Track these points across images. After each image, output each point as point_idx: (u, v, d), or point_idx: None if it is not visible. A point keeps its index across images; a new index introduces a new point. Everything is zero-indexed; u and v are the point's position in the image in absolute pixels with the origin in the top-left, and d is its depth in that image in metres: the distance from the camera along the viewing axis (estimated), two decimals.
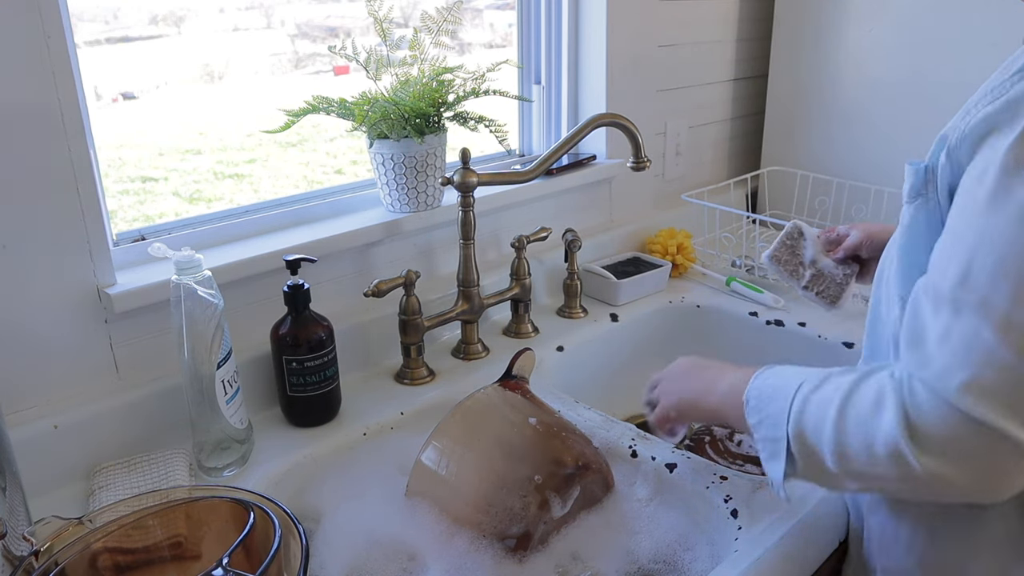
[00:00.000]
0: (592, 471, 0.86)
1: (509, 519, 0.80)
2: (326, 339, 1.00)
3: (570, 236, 1.30)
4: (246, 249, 1.05)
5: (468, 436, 0.85)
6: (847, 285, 1.02)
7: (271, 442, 0.97)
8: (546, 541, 0.82)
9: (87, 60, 0.95)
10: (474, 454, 0.83)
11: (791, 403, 0.66)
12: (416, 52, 1.15)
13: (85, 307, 0.92)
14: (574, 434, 0.90)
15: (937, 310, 0.57)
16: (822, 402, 0.63)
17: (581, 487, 0.85)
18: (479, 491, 0.81)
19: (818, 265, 1.03)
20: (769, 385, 0.71)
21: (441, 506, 0.83)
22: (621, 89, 1.47)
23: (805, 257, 1.04)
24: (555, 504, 0.82)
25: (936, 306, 0.57)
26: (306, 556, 0.64)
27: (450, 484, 0.83)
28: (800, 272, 1.04)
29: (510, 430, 0.85)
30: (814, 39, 1.61)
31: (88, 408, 0.91)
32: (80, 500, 0.87)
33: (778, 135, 1.73)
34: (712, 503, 0.85)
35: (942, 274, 0.57)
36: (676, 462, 0.91)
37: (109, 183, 1.02)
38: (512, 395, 0.90)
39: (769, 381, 0.71)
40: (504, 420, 0.87)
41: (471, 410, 0.87)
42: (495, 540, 0.80)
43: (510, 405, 0.89)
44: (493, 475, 0.82)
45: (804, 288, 1.03)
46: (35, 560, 0.66)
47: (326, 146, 3.51)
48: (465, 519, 0.81)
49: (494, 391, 0.90)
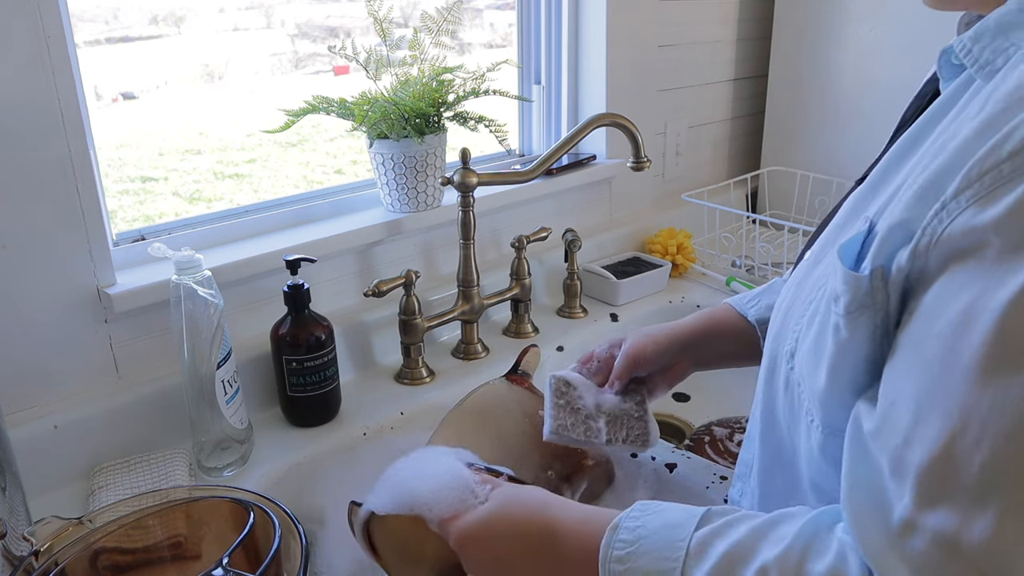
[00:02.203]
0: (598, 464, 0.87)
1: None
2: (326, 339, 1.00)
3: (570, 236, 1.30)
4: (246, 249, 1.05)
5: (478, 427, 0.85)
6: (647, 415, 0.83)
7: (271, 442, 0.97)
8: None
9: (87, 60, 0.95)
10: (487, 443, 0.83)
11: (686, 552, 0.49)
12: (416, 52, 1.15)
13: (85, 307, 0.92)
14: None
15: (901, 483, 0.42)
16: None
17: (588, 481, 0.85)
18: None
19: (604, 408, 0.83)
20: (644, 530, 0.52)
21: None
22: (621, 89, 1.47)
23: (587, 407, 0.83)
24: (565, 493, 0.82)
25: (900, 478, 0.42)
26: (306, 556, 0.64)
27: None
28: (593, 428, 0.81)
29: (522, 421, 0.85)
30: (814, 39, 1.61)
31: (88, 408, 0.91)
32: (80, 500, 0.87)
33: (778, 135, 1.73)
34: (712, 503, 0.85)
35: (907, 440, 0.42)
36: (676, 462, 0.91)
37: (109, 183, 1.02)
38: (519, 389, 0.91)
39: (644, 522, 0.53)
40: (513, 413, 0.86)
41: (480, 401, 0.87)
42: None
43: (517, 400, 0.89)
44: (507, 462, 0.81)
45: (607, 443, 0.80)
46: (35, 560, 0.66)
47: (326, 146, 3.51)
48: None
49: (502, 384, 0.91)
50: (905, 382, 0.44)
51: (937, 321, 0.42)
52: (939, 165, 0.43)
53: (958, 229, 0.41)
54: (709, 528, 0.51)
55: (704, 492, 0.86)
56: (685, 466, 0.90)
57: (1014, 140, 0.39)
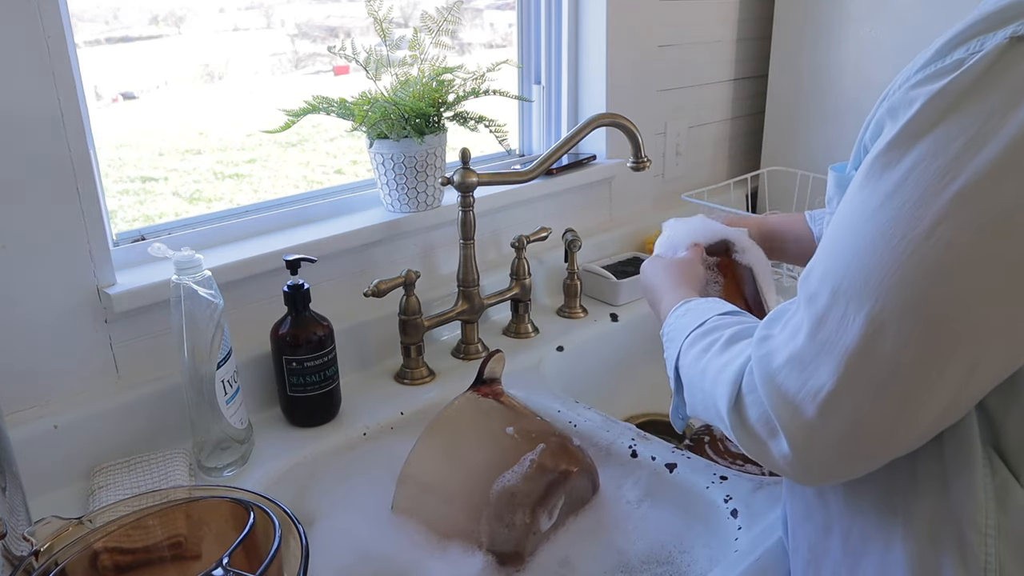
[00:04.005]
0: (575, 474, 0.86)
1: (499, 533, 0.79)
2: (326, 339, 1.00)
3: (570, 236, 1.30)
4: (246, 249, 1.05)
5: (446, 452, 0.84)
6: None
7: (271, 442, 0.97)
8: (536, 552, 0.82)
9: (87, 60, 0.95)
10: (455, 470, 0.83)
11: (679, 348, 0.70)
12: (416, 52, 1.15)
13: (85, 307, 0.92)
14: (553, 436, 0.88)
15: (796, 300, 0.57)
16: (696, 354, 0.67)
17: (566, 493, 0.84)
18: (463, 506, 0.81)
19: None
20: (675, 326, 0.74)
21: (428, 522, 0.82)
22: (621, 89, 1.47)
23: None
24: (542, 518, 0.81)
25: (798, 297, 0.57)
26: (306, 556, 0.63)
27: (435, 499, 0.82)
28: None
29: (489, 442, 0.85)
30: (814, 39, 1.61)
31: (88, 408, 0.91)
32: (80, 500, 0.87)
33: (778, 135, 1.73)
34: (712, 503, 0.85)
35: (808, 268, 0.56)
36: (676, 462, 0.91)
37: (109, 183, 1.02)
38: (486, 402, 0.89)
39: (678, 321, 0.74)
40: (481, 431, 0.86)
41: (446, 424, 0.86)
42: (486, 551, 0.79)
43: (485, 414, 0.88)
44: (477, 490, 0.81)
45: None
46: (35, 560, 0.66)
47: (326, 146, 3.51)
48: (454, 532, 0.81)
49: (467, 400, 0.89)
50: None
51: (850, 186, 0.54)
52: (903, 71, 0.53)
53: (881, 111, 0.52)
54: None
55: (704, 492, 0.86)
56: (685, 466, 0.90)
57: (939, 43, 0.50)
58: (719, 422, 0.61)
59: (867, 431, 0.50)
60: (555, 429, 0.91)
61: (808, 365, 0.51)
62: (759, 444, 0.56)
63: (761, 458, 0.57)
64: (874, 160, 0.50)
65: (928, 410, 0.49)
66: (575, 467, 0.86)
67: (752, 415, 0.56)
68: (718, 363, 0.62)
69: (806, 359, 0.51)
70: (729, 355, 0.61)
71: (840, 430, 0.51)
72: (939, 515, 0.55)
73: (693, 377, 0.66)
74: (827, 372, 0.50)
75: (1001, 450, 0.53)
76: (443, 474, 0.84)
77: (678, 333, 0.72)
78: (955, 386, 0.48)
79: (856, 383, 0.49)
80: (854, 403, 0.50)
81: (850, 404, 0.50)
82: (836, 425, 0.51)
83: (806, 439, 0.52)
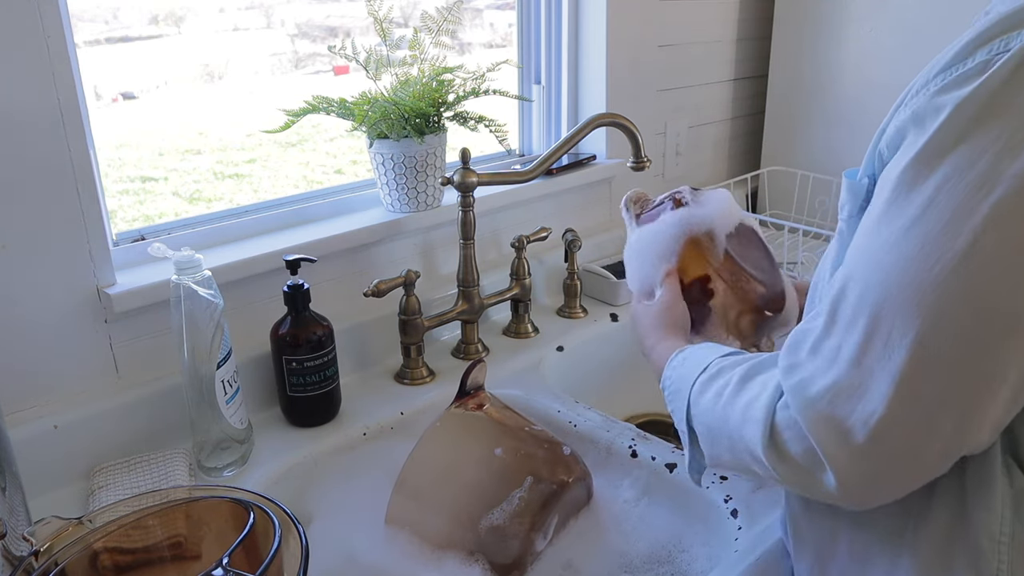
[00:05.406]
0: (569, 485, 0.85)
1: (496, 547, 0.79)
2: (326, 339, 1.00)
3: (570, 236, 1.30)
4: (246, 249, 1.05)
5: (434, 478, 0.82)
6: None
7: (271, 442, 0.97)
8: (538, 557, 0.81)
9: (87, 60, 0.95)
10: (451, 487, 0.81)
11: (688, 399, 0.67)
12: (416, 52, 1.15)
13: (85, 307, 0.92)
14: (543, 447, 0.87)
15: (816, 317, 0.54)
16: (710, 401, 0.64)
17: (561, 508, 0.83)
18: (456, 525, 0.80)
19: None
20: (675, 377, 0.71)
21: (423, 535, 0.82)
22: (621, 89, 1.47)
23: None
24: (536, 538, 0.81)
25: (818, 315, 0.55)
26: (306, 556, 0.63)
27: (428, 514, 0.82)
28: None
29: (475, 468, 0.83)
30: (814, 39, 1.61)
31: (88, 408, 0.91)
32: (80, 500, 0.87)
33: (778, 135, 1.73)
34: (712, 503, 0.85)
35: (829, 284, 0.54)
36: (676, 462, 0.91)
37: (109, 183, 1.02)
38: (471, 416, 0.87)
39: (676, 372, 0.71)
40: (466, 456, 0.84)
41: (431, 446, 0.84)
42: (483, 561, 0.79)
43: (473, 435, 0.86)
44: (468, 521, 0.80)
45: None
46: (35, 560, 0.66)
47: (326, 146, 3.51)
48: (449, 545, 0.80)
49: (450, 418, 0.87)
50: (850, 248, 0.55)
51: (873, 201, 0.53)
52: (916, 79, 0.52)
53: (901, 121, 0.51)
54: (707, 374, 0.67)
55: (704, 492, 0.86)
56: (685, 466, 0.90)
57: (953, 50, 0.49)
58: (756, 464, 0.58)
59: (920, 452, 0.50)
60: (545, 436, 0.89)
61: (855, 392, 0.50)
62: (805, 476, 0.54)
63: (808, 490, 0.56)
64: (903, 172, 0.49)
65: (982, 425, 0.49)
66: (569, 477, 0.85)
67: (794, 449, 0.54)
68: (740, 404, 0.60)
69: (852, 386, 0.50)
70: (749, 394, 0.59)
71: (892, 453, 0.50)
72: (953, 523, 0.55)
73: (713, 424, 0.63)
74: (878, 398, 0.49)
75: (1020, 460, 0.53)
76: (433, 498, 0.82)
77: (682, 384, 0.69)
78: (1010, 398, 0.48)
79: (909, 406, 0.49)
80: (907, 426, 0.49)
81: (902, 427, 0.49)
82: (888, 449, 0.50)
83: (856, 465, 0.51)
